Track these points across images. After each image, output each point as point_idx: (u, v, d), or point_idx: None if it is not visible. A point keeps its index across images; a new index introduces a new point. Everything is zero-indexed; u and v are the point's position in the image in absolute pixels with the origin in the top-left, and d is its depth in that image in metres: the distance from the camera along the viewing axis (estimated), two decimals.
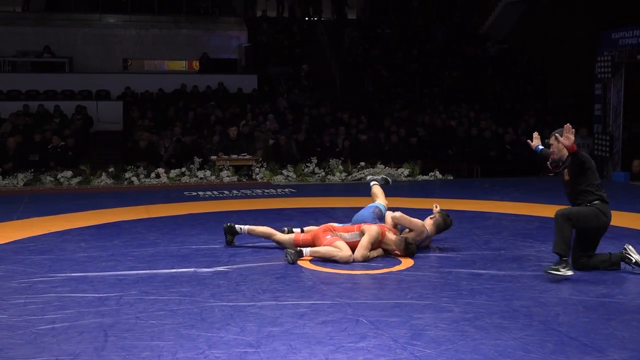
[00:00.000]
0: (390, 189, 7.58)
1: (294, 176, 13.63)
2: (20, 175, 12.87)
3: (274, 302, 5.12)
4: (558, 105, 18.74)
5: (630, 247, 6.18)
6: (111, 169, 13.34)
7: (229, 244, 7.20)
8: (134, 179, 13.18)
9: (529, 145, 6.73)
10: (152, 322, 4.66)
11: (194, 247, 7.17)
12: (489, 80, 20.63)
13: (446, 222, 7.08)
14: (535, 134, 6.81)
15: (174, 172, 13.46)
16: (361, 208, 7.36)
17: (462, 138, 16.05)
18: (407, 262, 6.45)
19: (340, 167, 13.92)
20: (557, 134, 6.18)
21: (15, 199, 11.10)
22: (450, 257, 6.66)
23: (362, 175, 13.68)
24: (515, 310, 4.92)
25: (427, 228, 6.96)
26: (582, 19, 19.66)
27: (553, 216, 8.82)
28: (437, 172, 14.13)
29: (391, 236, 6.69)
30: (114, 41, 21.53)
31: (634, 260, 6.09)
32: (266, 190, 11.97)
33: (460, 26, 23.95)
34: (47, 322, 4.64)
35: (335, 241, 6.53)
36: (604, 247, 7.02)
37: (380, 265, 6.36)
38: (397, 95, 19.28)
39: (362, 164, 14.14)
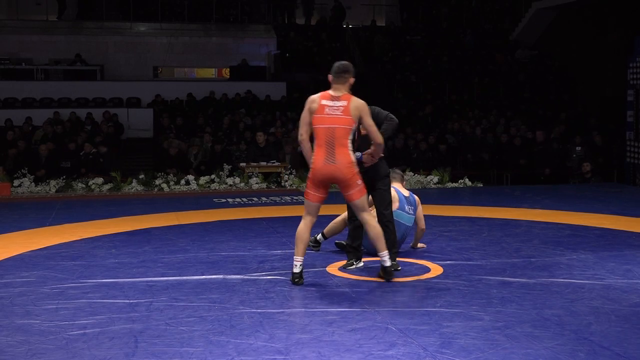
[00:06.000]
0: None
1: None
2: (53, 182, 13.02)
3: (303, 309, 5.12)
4: (589, 112, 18.56)
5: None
6: (141, 176, 13.45)
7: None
8: (164, 185, 13.27)
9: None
10: (182, 328, 4.68)
11: (223, 253, 7.20)
12: (519, 87, 20.50)
13: None
14: None
15: (203, 179, 13.53)
16: None
17: (492, 145, 15.97)
18: (436, 270, 6.42)
19: None
20: None
21: (48, 205, 11.23)
22: (480, 265, 6.62)
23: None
24: (546, 319, 4.87)
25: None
26: (614, 25, 19.46)
27: (585, 224, 8.84)
28: (467, 180, 14.04)
29: None
30: (145, 49, 21.74)
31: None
32: (295, 197, 11.98)
33: (490, 32, 23.84)
34: (79, 328, 4.69)
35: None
36: (627, 255, 6.94)
37: (410, 273, 6.34)
38: (426, 102, 19.22)
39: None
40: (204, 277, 6.16)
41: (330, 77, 5.96)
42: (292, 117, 17.77)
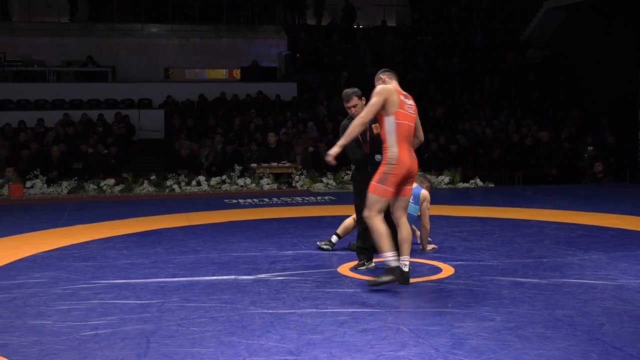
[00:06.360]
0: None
1: (334, 184, 13.63)
2: (65, 183, 13.09)
3: (314, 310, 5.12)
4: (600, 111, 18.48)
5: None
6: (153, 177, 13.49)
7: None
8: (175, 186, 13.31)
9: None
10: (194, 329, 4.69)
11: (234, 254, 7.21)
12: (530, 87, 20.44)
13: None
14: None
15: (214, 180, 13.56)
16: None
17: (503, 145, 15.93)
18: (447, 270, 6.41)
19: None
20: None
21: (60, 206, 11.28)
22: (492, 266, 6.60)
23: None
24: (558, 320, 4.85)
25: None
26: (624, 24, 19.37)
27: (597, 224, 8.81)
28: (478, 180, 14.02)
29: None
30: (156, 50, 21.82)
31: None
32: (306, 198, 12.00)
33: (501, 32, 23.78)
34: (91, 328, 4.71)
35: None
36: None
37: (421, 273, 6.33)
38: (437, 102, 19.20)
39: None
40: (215, 277, 6.17)
41: (384, 76, 6.15)
42: (303, 117, 17.79)
